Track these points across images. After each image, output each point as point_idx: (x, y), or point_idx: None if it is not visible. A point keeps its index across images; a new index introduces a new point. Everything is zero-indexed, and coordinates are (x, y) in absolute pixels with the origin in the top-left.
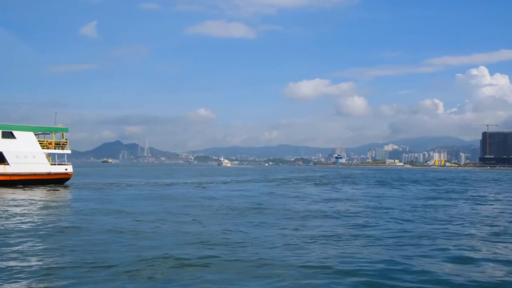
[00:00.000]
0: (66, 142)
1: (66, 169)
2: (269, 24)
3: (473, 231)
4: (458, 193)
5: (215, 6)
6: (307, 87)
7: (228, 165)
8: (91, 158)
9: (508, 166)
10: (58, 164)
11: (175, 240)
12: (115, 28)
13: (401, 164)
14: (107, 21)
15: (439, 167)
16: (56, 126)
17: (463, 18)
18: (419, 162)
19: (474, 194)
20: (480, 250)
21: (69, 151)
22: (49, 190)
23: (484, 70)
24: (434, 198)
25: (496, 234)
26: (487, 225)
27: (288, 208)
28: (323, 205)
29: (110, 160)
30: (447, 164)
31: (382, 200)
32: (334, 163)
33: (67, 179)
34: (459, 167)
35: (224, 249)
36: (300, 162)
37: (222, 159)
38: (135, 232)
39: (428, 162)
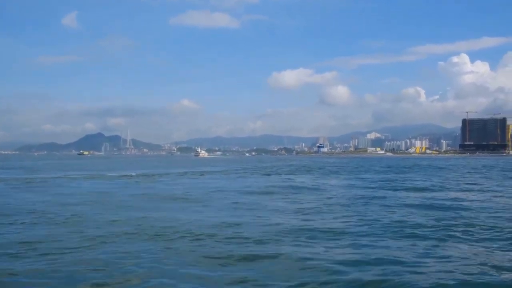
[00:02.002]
0: None
1: None
2: (253, 14)
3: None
4: (400, 182)
5: None
6: (291, 77)
7: (206, 155)
8: (73, 150)
9: (487, 152)
10: None
11: None
12: (96, 19)
13: (382, 152)
14: (88, 12)
15: (419, 155)
16: None
17: (446, 6)
18: (401, 150)
19: (418, 184)
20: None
21: None
22: None
23: (465, 58)
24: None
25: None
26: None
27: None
28: (218, 193)
29: (86, 153)
30: (428, 151)
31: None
32: (316, 152)
33: None
34: (440, 154)
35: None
36: (283, 152)
37: (199, 150)
38: None
39: (409, 149)
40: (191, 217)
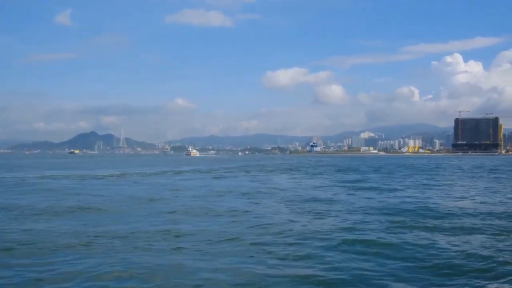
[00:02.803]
0: None
1: None
2: (247, 13)
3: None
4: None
5: None
6: (285, 76)
7: (197, 154)
8: (66, 149)
9: (480, 152)
10: None
11: None
12: (91, 17)
13: (376, 151)
14: (82, 9)
15: (412, 154)
16: None
17: (440, 5)
18: (394, 149)
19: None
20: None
21: None
22: None
23: (458, 57)
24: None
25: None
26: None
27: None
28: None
29: (76, 151)
30: (421, 150)
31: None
32: (309, 151)
33: None
34: (432, 154)
35: None
36: (277, 151)
37: (190, 149)
38: None
39: (402, 149)
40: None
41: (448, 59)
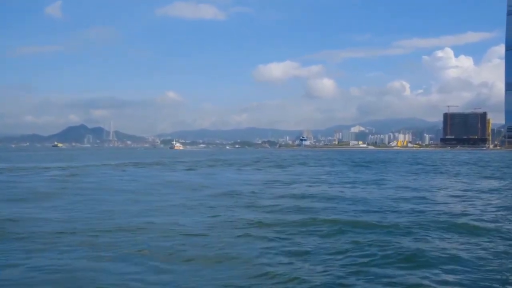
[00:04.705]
0: None
1: None
2: (239, 6)
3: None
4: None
5: None
6: (277, 70)
7: (180, 148)
8: (55, 142)
9: (468, 146)
10: None
11: None
12: (81, 9)
13: (365, 145)
14: (73, 1)
15: (401, 148)
16: None
17: (432, 0)
18: (383, 144)
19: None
20: None
21: None
22: None
23: (449, 52)
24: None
25: None
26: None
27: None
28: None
29: (60, 145)
30: (410, 145)
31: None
32: (299, 145)
33: None
34: (421, 148)
35: None
36: (267, 145)
37: (174, 142)
38: None
39: (391, 143)
40: None
41: (439, 53)
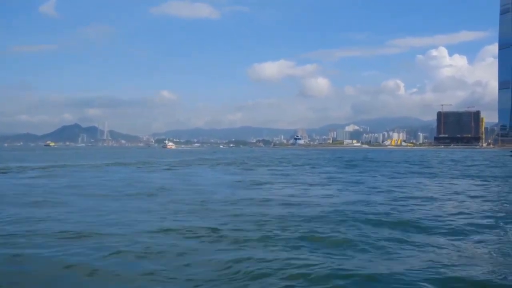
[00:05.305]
0: None
1: None
2: (234, 5)
3: None
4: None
5: None
6: (272, 69)
7: (173, 147)
8: (47, 141)
9: (462, 145)
10: None
11: None
12: (76, 7)
13: (358, 144)
14: (67, 0)
15: (395, 147)
16: None
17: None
18: (377, 143)
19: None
20: None
21: None
22: None
23: (443, 51)
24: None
25: None
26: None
27: None
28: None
29: (52, 144)
30: (403, 144)
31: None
32: (293, 144)
33: None
34: (415, 147)
35: None
36: (261, 144)
37: (166, 141)
38: None
39: (385, 142)
40: None
41: (433, 52)
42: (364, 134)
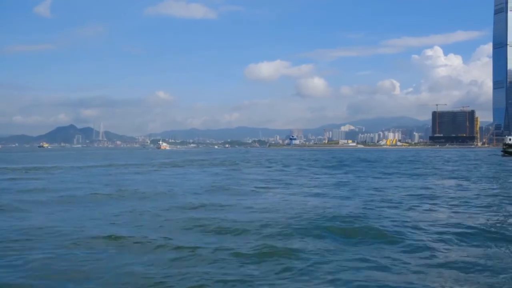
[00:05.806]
0: None
1: None
2: (230, 5)
3: None
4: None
5: None
6: (268, 69)
7: (167, 148)
8: (41, 143)
9: (457, 144)
10: None
11: None
12: (70, 8)
13: (354, 144)
14: (61, 0)
15: (390, 147)
16: None
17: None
18: (373, 142)
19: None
20: None
21: None
22: None
23: (438, 51)
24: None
25: None
26: None
27: None
28: None
29: (46, 145)
30: (398, 143)
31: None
32: (288, 144)
33: None
34: (410, 146)
35: None
36: (256, 144)
37: (160, 142)
38: None
39: (380, 142)
40: None
41: (429, 52)
42: (360, 134)
